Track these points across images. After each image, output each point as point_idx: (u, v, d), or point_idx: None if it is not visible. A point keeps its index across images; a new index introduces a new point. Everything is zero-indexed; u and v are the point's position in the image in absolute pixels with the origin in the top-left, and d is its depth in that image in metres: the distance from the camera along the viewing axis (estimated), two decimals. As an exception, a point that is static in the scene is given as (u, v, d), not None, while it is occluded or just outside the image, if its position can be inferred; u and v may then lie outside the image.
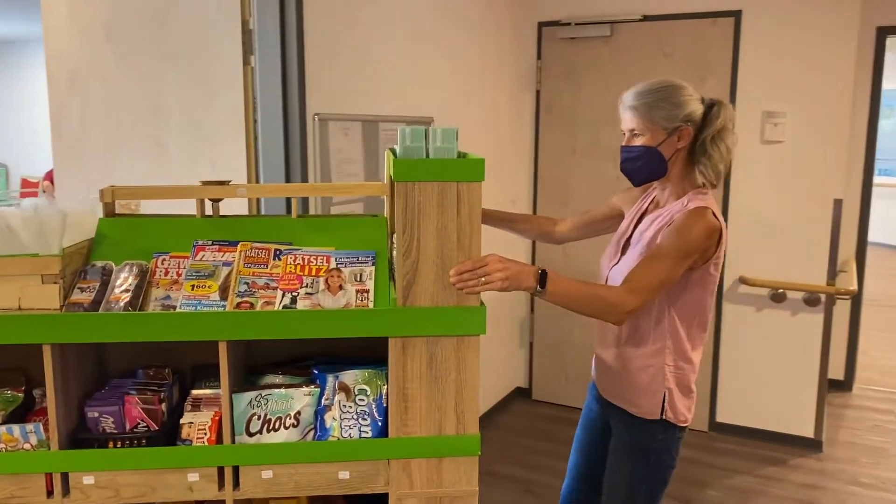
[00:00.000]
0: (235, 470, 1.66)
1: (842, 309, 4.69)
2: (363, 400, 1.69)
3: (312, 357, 1.87)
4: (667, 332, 1.99)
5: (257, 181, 2.69)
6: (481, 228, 1.64)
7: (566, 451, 2.40)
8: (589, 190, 4.40)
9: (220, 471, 1.65)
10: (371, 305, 1.67)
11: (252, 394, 1.67)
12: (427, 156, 1.60)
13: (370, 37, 3.14)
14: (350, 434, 1.68)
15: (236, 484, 1.66)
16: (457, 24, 3.82)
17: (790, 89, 3.95)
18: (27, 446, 1.63)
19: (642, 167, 1.97)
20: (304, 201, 2.75)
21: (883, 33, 4.44)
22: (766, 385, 4.10)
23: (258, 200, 2.62)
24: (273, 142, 2.70)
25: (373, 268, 1.72)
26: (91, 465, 1.62)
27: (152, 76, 2.79)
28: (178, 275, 1.70)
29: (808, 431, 4.01)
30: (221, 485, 1.65)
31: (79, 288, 1.64)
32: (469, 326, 1.65)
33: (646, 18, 4.24)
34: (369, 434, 1.68)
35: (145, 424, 1.66)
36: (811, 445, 3.99)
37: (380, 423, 1.69)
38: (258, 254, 1.72)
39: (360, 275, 1.72)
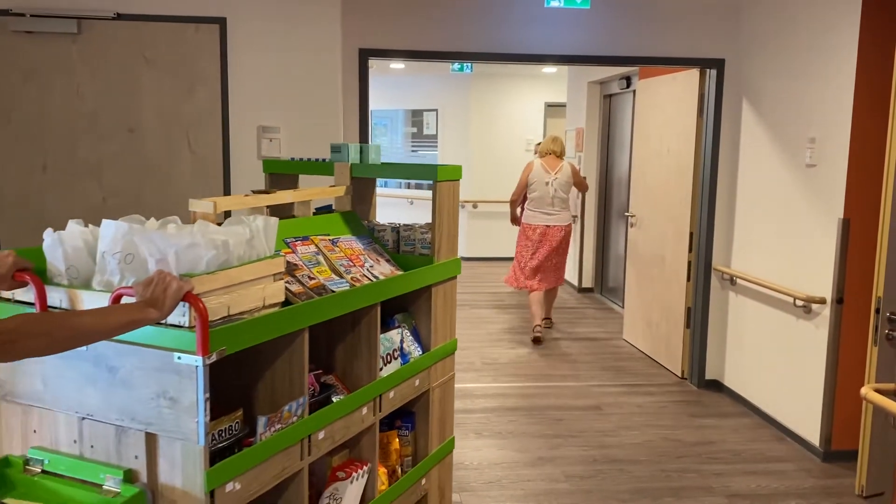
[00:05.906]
0: (379, 398, 2.24)
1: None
2: (407, 332, 2.49)
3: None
4: None
5: None
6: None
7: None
8: (68, 213, 3.47)
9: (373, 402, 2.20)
10: (399, 270, 2.43)
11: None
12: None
13: None
14: (416, 353, 2.48)
15: (380, 409, 2.26)
16: None
17: (282, 104, 3.98)
18: (294, 419, 1.86)
19: None
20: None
21: (365, 55, 4.53)
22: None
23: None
24: None
25: (376, 245, 2.50)
26: (321, 424, 1.97)
27: None
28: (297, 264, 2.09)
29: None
30: (373, 412, 2.22)
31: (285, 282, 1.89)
32: (456, 270, 2.62)
33: (120, 17, 3.85)
34: (420, 352, 2.52)
35: (312, 389, 2.03)
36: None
37: (420, 345, 2.53)
38: (326, 244, 2.25)
39: (378, 251, 2.47)
